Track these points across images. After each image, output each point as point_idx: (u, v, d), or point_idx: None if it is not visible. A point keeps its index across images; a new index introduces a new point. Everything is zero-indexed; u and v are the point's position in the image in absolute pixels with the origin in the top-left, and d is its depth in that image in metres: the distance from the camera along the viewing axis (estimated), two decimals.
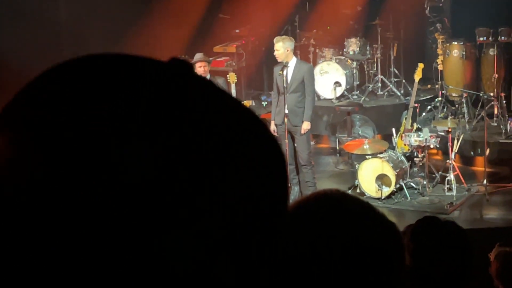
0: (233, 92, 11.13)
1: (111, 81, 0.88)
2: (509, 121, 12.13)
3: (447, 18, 14.59)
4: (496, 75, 12.54)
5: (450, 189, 10.44)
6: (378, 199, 10.26)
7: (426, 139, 10.39)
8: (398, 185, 10.33)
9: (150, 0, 14.67)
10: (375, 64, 14.27)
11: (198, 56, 10.41)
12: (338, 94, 13.73)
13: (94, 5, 13.92)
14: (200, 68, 10.30)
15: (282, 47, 9.96)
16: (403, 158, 10.62)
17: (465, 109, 12.46)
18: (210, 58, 10.82)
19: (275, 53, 10.06)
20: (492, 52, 12.70)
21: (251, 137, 0.90)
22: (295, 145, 10.24)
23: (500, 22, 12.89)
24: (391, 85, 14.08)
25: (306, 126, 10.02)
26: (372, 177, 10.31)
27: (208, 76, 10.32)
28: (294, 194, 10.47)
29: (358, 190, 10.56)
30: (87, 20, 14.02)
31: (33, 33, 13.38)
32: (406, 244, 3.14)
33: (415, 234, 3.17)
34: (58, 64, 0.94)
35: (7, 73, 13.06)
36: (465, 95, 12.45)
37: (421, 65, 11.65)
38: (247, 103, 14.30)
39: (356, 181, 10.52)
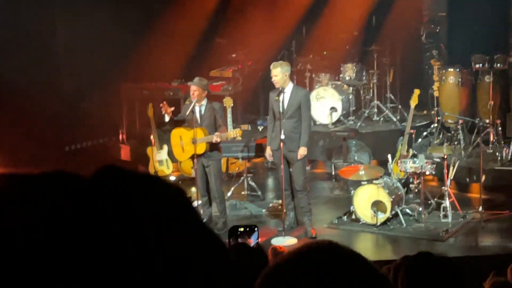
0: (229, 117, 11.14)
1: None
2: (504, 148, 12.13)
3: (443, 45, 14.65)
4: (492, 102, 12.56)
5: (445, 216, 10.42)
6: (374, 225, 10.24)
7: (421, 165, 10.37)
8: (393, 212, 10.30)
9: (147, 25, 14.70)
10: (371, 90, 14.29)
11: (194, 80, 10.41)
12: (334, 120, 13.74)
13: (91, 30, 13.94)
14: (191, 92, 10.28)
15: (281, 73, 9.94)
16: (398, 184, 10.60)
17: (461, 136, 12.47)
18: (208, 82, 10.77)
19: (274, 79, 10.01)
20: (487, 79, 12.73)
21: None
22: (291, 170, 10.21)
23: (496, 49, 12.93)
24: (387, 111, 14.10)
25: (302, 151, 10.00)
26: (368, 203, 10.28)
27: (204, 101, 10.32)
28: (290, 220, 10.43)
29: (353, 216, 10.53)
30: (84, 45, 14.04)
31: (34, 62, 13.42)
32: (401, 277, 3.12)
33: (410, 270, 3.16)
34: None
35: (12, 99, 13.12)
36: (461, 121, 12.46)
37: (417, 91, 11.65)
38: (244, 127, 14.31)
39: (352, 207, 10.50)
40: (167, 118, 10.35)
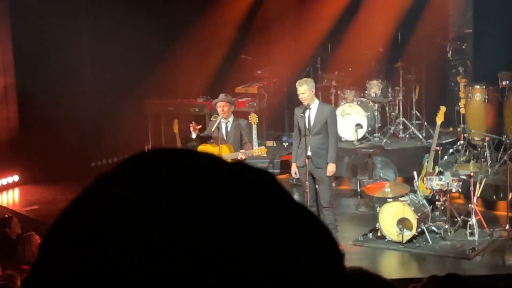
0: (254, 133, 11.16)
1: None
2: None
3: (470, 61, 14.58)
4: None
5: (472, 234, 10.35)
6: (399, 243, 10.18)
7: (448, 183, 10.31)
8: (419, 229, 10.23)
9: (173, 41, 14.77)
10: (397, 107, 14.24)
11: (220, 97, 10.45)
12: (360, 136, 13.71)
13: (117, 47, 14.04)
14: (219, 109, 10.31)
15: (308, 90, 9.95)
16: (424, 202, 10.54)
17: (487, 153, 12.39)
18: (233, 99, 10.82)
19: (301, 96, 10.01)
20: None
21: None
22: (317, 186, 10.19)
23: None
24: (412, 128, 14.04)
25: (331, 168, 9.98)
26: (393, 220, 10.23)
27: (231, 118, 10.34)
28: None
29: (379, 233, 10.48)
30: (110, 61, 14.13)
31: (60, 78, 13.54)
32: None
33: None
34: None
35: (38, 115, 13.22)
36: (487, 138, 12.38)
37: (443, 108, 11.59)
38: (269, 143, 14.31)
39: (377, 224, 10.45)
40: (194, 135, 10.40)
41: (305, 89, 9.97)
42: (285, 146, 14.35)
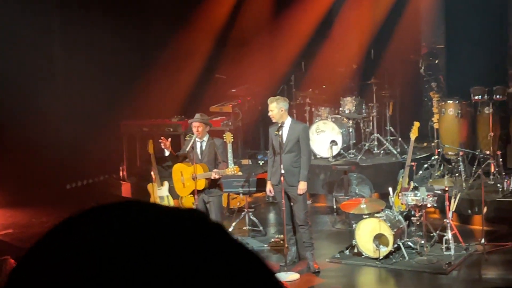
0: (230, 152, 11.15)
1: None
2: (506, 179, 12.11)
3: (443, 77, 14.68)
4: (492, 133, 12.57)
5: (448, 249, 10.37)
6: (376, 259, 10.19)
7: (423, 198, 10.34)
8: (396, 245, 10.25)
9: (146, 63, 14.77)
10: (371, 123, 14.30)
11: (195, 116, 10.43)
12: (335, 153, 13.74)
13: (90, 69, 14.00)
14: (194, 129, 10.29)
15: (276, 108, 9.98)
16: (400, 217, 10.56)
17: (461, 168, 12.45)
18: (208, 118, 10.80)
19: (270, 113, 10.07)
20: (487, 110, 12.74)
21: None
22: (292, 205, 10.18)
23: (495, 80, 12.96)
24: (387, 144, 14.10)
25: (302, 186, 9.98)
26: (370, 237, 10.24)
27: (206, 137, 10.32)
28: (292, 255, 10.38)
29: (355, 250, 10.49)
30: (84, 83, 14.09)
31: (33, 100, 13.47)
32: None
33: None
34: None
35: (12, 138, 13.14)
36: (461, 153, 12.45)
37: (417, 124, 11.63)
38: (244, 161, 14.30)
39: (354, 241, 10.46)
40: (167, 153, 10.35)
41: (274, 107, 10.00)
42: (261, 164, 14.35)
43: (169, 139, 10.40)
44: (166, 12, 15.38)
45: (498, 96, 12.73)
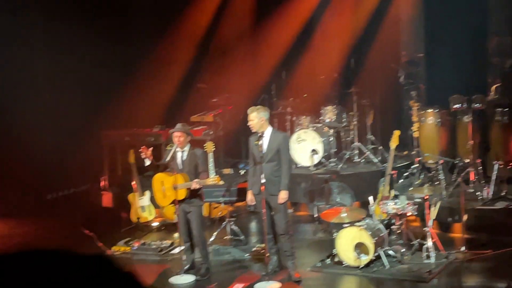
0: (211, 161, 11.17)
1: None
2: (485, 187, 12.18)
3: (423, 85, 14.75)
4: (472, 142, 12.63)
5: (428, 257, 10.41)
6: (357, 267, 10.21)
7: (403, 206, 10.38)
8: (376, 253, 10.28)
9: (128, 72, 14.75)
10: (352, 132, 14.36)
11: (177, 126, 10.42)
12: (316, 162, 13.77)
13: (71, 79, 13.98)
14: (176, 139, 10.29)
15: (256, 117, 9.98)
16: (381, 226, 10.59)
17: (441, 176, 12.51)
18: (189, 128, 10.80)
19: (250, 123, 10.05)
20: (466, 119, 12.81)
21: None
22: (273, 214, 10.18)
23: (474, 89, 13.03)
24: (368, 152, 14.15)
25: (283, 195, 9.98)
26: (350, 245, 10.26)
27: (186, 147, 10.32)
28: (273, 264, 10.39)
29: (336, 259, 10.50)
30: (65, 93, 14.06)
31: (14, 110, 13.41)
32: None
33: None
34: None
35: None
36: (441, 161, 12.52)
37: (397, 132, 11.68)
38: (226, 171, 14.31)
39: (334, 250, 10.48)
40: (147, 162, 10.34)
41: (253, 117, 9.99)
42: (242, 173, 14.37)
43: (150, 149, 10.40)
44: (148, 22, 15.40)
45: (477, 104, 12.80)
